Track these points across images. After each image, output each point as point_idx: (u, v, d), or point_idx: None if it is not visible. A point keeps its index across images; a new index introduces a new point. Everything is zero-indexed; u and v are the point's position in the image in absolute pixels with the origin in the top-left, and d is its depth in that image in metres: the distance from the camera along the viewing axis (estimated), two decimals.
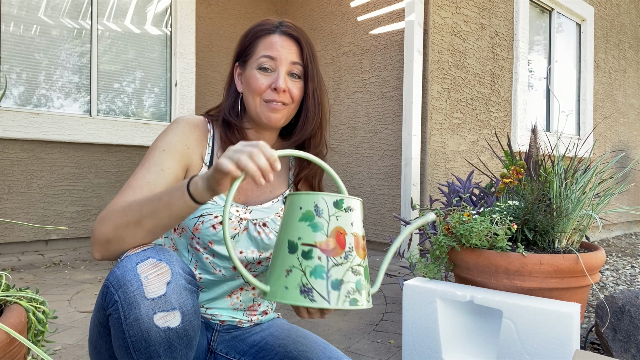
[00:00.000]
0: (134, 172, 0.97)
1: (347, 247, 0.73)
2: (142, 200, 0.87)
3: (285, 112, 1.06)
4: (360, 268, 0.74)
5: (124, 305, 0.79)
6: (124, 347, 0.80)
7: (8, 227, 3.36)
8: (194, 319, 0.84)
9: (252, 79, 1.04)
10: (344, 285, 0.71)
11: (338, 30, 4.33)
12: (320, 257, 0.71)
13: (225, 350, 1.11)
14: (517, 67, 4.35)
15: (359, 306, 0.72)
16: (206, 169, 1.05)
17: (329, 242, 0.72)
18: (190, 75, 4.26)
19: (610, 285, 2.93)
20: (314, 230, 0.73)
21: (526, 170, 1.88)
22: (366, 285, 0.75)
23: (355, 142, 4.14)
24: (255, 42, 1.07)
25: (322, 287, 0.70)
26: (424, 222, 0.87)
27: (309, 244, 0.72)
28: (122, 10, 3.96)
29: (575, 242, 1.73)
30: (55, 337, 1.84)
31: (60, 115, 3.58)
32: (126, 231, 0.86)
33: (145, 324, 0.78)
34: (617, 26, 5.81)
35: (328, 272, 0.71)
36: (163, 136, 1.02)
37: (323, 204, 0.74)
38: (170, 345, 0.81)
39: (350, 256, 0.73)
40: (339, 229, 0.73)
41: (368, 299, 0.74)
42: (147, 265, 0.81)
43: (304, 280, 0.71)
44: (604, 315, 1.59)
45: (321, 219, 0.73)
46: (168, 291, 0.80)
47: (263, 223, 1.08)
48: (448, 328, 1.55)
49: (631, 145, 6.09)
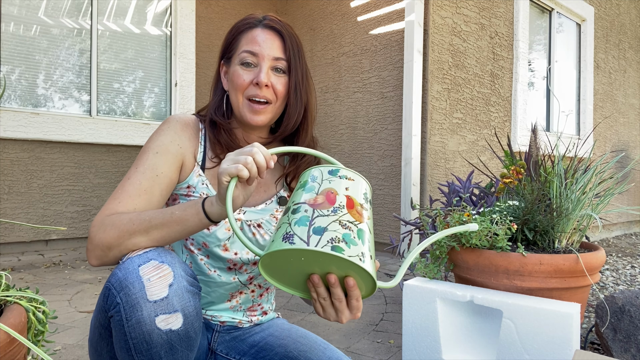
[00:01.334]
0: (127, 173, 0.96)
1: (336, 203, 0.71)
2: (151, 212, 0.87)
3: (269, 112, 1.03)
4: (352, 225, 0.70)
5: (126, 308, 0.79)
6: (125, 349, 0.80)
7: (8, 227, 3.36)
8: (195, 321, 0.84)
9: (235, 75, 1.03)
10: (328, 232, 0.68)
11: (338, 30, 4.33)
12: (307, 210, 0.71)
13: (225, 351, 1.11)
14: (517, 67, 4.35)
15: (344, 255, 0.66)
16: (198, 168, 1.05)
17: (317, 198, 0.72)
18: (190, 75, 4.26)
19: (610, 285, 2.93)
20: (305, 192, 0.74)
21: (526, 170, 1.88)
22: (361, 244, 0.69)
23: (355, 142, 4.14)
24: (237, 37, 1.06)
25: (303, 232, 0.68)
26: (464, 230, 0.85)
27: (299, 202, 0.73)
28: (122, 10, 3.96)
29: (575, 242, 1.73)
30: (55, 337, 1.84)
31: (60, 115, 3.58)
32: (131, 239, 0.85)
33: (147, 326, 0.78)
34: (617, 26, 5.81)
35: (312, 221, 0.69)
36: (156, 137, 1.01)
37: (318, 172, 0.76)
38: (172, 347, 0.81)
39: (340, 212, 0.70)
40: (330, 189, 0.73)
41: (362, 257, 0.68)
42: (150, 268, 0.81)
43: (287, 229, 0.70)
44: (604, 315, 1.59)
45: (314, 183, 0.74)
46: (170, 293, 0.80)
47: (258, 224, 1.08)
48: (448, 328, 1.55)
49: (631, 145, 6.09)
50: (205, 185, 1.04)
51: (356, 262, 0.67)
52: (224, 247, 1.03)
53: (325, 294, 0.77)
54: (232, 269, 1.06)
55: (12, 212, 3.40)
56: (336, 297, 0.76)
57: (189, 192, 1.03)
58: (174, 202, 1.05)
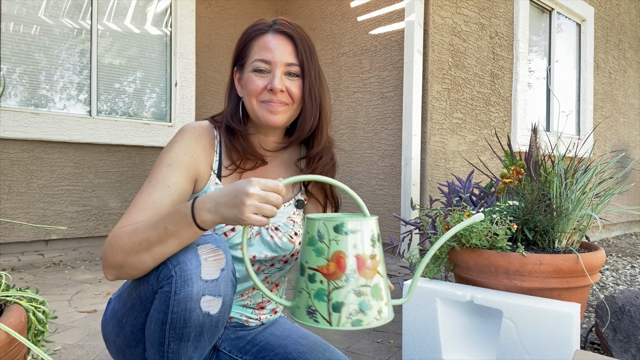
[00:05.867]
0: (141, 188, 0.97)
1: (347, 270, 0.76)
2: (145, 227, 0.86)
3: (285, 112, 1.04)
4: (366, 289, 0.76)
5: (178, 281, 0.81)
6: (161, 321, 0.83)
7: (8, 227, 3.36)
8: (227, 311, 0.87)
9: (249, 81, 1.03)
10: (345, 307, 0.75)
11: (338, 30, 4.33)
12: (322, 281, 0.76)
13: (228, 348, 1.12)
14: (517, 67, 4.35)
15: (363, 326, 0.75)
16: (215, 177, 1.05)
17: (329, 266, 0.76)
18: (190, 75, 4.26)
19: (610, 285, 2.93)
20: (316, 255, 0.78)
21: (526, 170, 1.88)
22: (376, 303, 0.77)
23: (355, 142, 4.14)
24: (249, 44, 1.05)
25: (323, 309, 0.75)
26: (472, 222, 0.89)
27: (313, 268, 0.78)
28: (122, 10, 3.97)
29: (575, 242, 1.73)
30: (55, 337, 1.84)
31: (61, 115, 3.58)
32: (137, 258, 0.85)
33: (192, 303, 0.81)
34: (617, 26, 5.81)
35: (329, 295, 0.75)
36: (169, 149, 1.01)
37: (324, 229, 0.78)
38: (201, 332, 0.84)
39: (352, 279, 0.75)
40: (339, 253, 0.76)
41: (378, 316, 0.76)
42: (207, 249, 0.85)
43: (309, 302, 0.76)
44: (604, 315, 1.59)
45: (322, 244, 0.78)
46: (220, 277, 0.84)
47: (275, 227, 1.09)
48: (448, 328, 1.55)
49: (631, 145, 6.09)
50: None
51: (374, 325, 0.76)
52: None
53: None
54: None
55: (12, 212, 3.40)
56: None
57: None
58: None
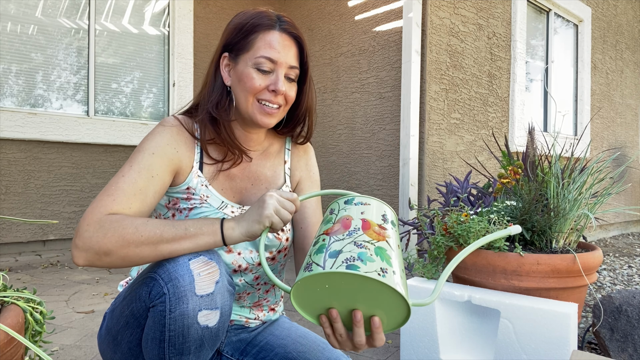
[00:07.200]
0: (120, 170, 0.92)
1: (351, 227, 0.72)
2: (160, 222, 0.85)
3: (279, 115, 1.04)
4: (369, 244, 0.69)
5: (172, 299, 0.80)
6: (158, 340, 0.81)
7: (5, 228, 3.35)
8: (227, 320, 0.86)
9: (248, 77, 0.99)
10: (343, 254, 0.68)
11: (336, 30, 4.33)
12: (324, 239, 0.73)
13: (230, 352, 1.11)
14: (514, 67, 4.36)
15: (359, 272, 0.65)
16: (197, 170, 1.03)
17: (333, 227, 0.74)
18: (188, 75, 4.26)
19: (607, 285, 2.93)
20: (323, 225, 0.78)
21: (523, 170, 1.88)
22: (379, 261, 0.68)
23: (353, 143, 4.14)
24: (253, 35, 1.00)
25: (320, 259, 0.70)
26: (506, 234, 0.83)
27: (318, 235, 0.76)
28: (119, 9, 3.96)
29: (572, 242, 1.74)
30: (53, 338, 1.83)
31: (58, 115, 3.57)
32: (136, 250, 0.82)
33: (189, 319, 0.80)
34: (614, 27, 5.83)
35: (328, 247, 0.71)
36: (152, 137, 0.98)
37: (335, 205, 0.79)
38: (202, 344, 0.83)
39: (355, 234, 0.71)
40: (346, 216, 0.75)
41: (382, 273, 0.66)
42: (200, 263, 0.83)
43: (308, 260, 0.72)
44: (601, 315, 1.60)
45: (332, 215, 0.78)
46: (215, 290, 0.82)
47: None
48: (446, 328, 1.55)
49: (628, 145, 6.11)
50: (205, 186, 1.04)
51: (374, 277, 0.66)
52: (228, 248, 1.03)
53: (342, 330, 0.75)
54: (238, 272, 1.06)
55: (9, 212, 3.39)
56: (357, 336, 0.74)
57: (189, 193, 1.02)
58: (174, 205, 1.03)
